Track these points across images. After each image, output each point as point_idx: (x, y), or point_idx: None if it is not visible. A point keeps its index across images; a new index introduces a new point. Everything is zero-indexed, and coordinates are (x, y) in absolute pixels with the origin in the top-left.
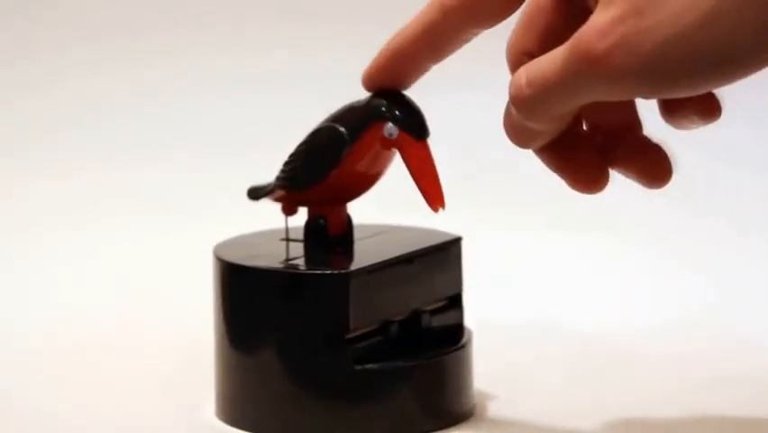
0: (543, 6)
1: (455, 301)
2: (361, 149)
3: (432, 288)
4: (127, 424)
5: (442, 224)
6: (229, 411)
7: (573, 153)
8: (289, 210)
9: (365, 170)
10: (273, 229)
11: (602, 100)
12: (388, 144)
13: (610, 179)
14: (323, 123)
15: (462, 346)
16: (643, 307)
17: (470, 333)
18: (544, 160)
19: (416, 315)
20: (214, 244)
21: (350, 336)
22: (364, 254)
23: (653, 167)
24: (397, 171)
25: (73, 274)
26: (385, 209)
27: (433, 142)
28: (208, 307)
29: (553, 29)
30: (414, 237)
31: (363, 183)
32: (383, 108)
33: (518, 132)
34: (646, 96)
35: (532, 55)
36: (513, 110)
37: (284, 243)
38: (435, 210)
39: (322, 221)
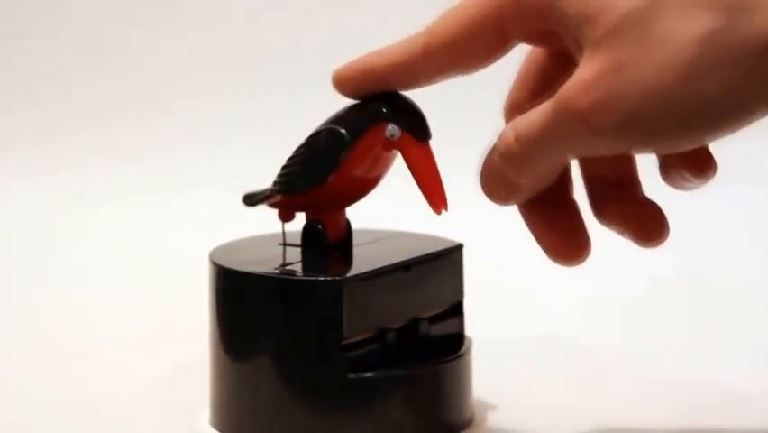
0: (536, 61)
1: (456, 309)
2: (362, 151)
3: (432, 295)
4: (121, 432)
5: (446, 228)
6: (223, 419)
7: (557, 214)
8: (286, 216)
9: (365, 174)
10: (270, 234)
11: (588, 155)
12: (390, 146)
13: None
14: (322, 125)
15: (461, 355)
16: (644, 317)
17: (470, 341)
18: (526, 219)
19: (414, 323)
20: (211, 248)
21: (345, 343)
22: (361, 261)
23: (645, 225)
24: (402, 176)
25: (67, 279)
26: (387, 214)
27: (436, 144)
28: (204, 312)
29: (545, 84)
30: (414, 244)
31: (363, 187)
32: (385, 110)
33: (499, 187)
34: (628, 152)
35: (524, 110)
36: (497, 164)
37: (281, 247)
38: (438, 212)
39: (320, 226)
